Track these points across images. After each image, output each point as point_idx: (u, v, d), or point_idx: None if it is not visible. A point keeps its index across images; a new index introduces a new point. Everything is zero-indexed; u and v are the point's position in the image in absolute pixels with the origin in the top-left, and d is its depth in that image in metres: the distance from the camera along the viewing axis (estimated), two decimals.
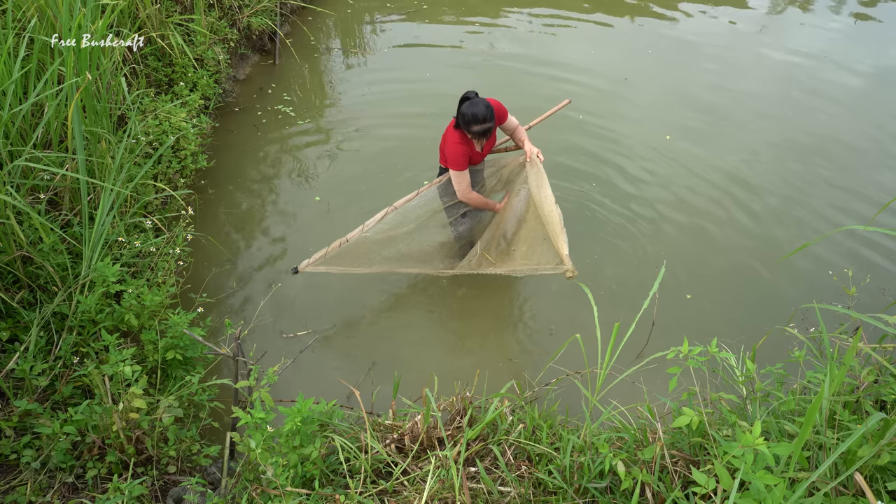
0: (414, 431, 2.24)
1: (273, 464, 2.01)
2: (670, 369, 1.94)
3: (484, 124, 3.14)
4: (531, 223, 3.56)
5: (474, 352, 3.62)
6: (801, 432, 1.46)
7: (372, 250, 3.43)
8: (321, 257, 3.33)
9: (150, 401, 2.56)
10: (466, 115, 3.13)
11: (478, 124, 3.14)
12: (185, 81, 4.69)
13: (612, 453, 1.90)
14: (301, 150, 5.01)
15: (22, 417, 2.39)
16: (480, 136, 3.20)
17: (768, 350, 2.65)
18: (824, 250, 4.28)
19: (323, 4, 6.95)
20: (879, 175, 5.05)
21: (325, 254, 3.32)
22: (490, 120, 3.15)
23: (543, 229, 3.37)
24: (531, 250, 3.54)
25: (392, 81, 5.88)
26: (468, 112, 3.13)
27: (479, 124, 3.14)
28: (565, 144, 5.06)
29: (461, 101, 3.21)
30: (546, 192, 3.32)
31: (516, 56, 6.34)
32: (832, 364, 1.71)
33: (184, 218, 3.77)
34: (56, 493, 2.24)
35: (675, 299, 3.85)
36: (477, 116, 3.12)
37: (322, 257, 3.33)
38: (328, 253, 3.32)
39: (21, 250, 2.82)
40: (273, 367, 2.32)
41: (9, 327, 2.69)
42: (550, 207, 3.28)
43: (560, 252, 3.18)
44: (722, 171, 4.95)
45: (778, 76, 6.29)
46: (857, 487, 1.64)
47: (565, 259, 3.16)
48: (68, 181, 3.20)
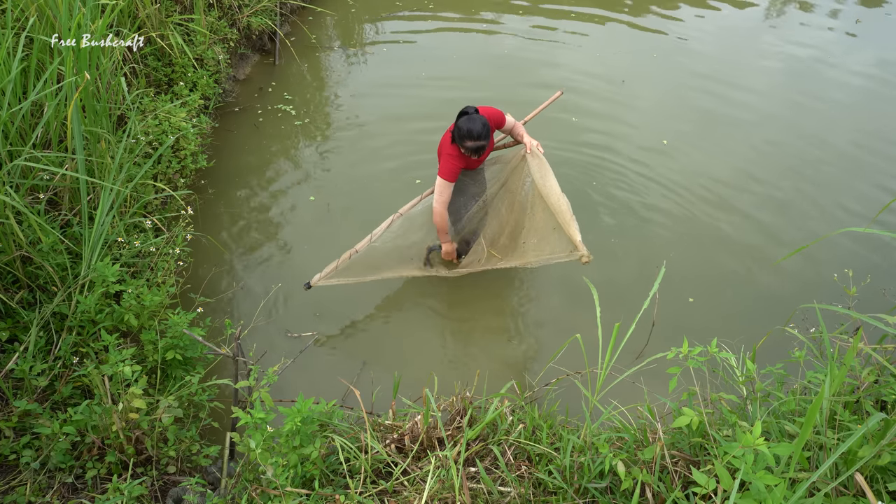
0: (414, 431, 2.23)
1: (273, 464, 2.01)
2: (670, 369, 1.94)
3: (478, 142, 3.19)
4: (539, 214, 3.54)
5: (474, 352, 3.62)
6: (801, 432, 1.46)
7: (380, 259, 3.44)
8: (332, 270, 3.36)
9: (150, 401, 2.56)
10: (462, 130, 3.18)
11: (472, 140, 3.18)
12: (185, 81, 4.68)
13: (612, 453, 1.90)
14: (301, 150, 5.00)
15: (21, 418, 2.38)
16: (473, 152, 3.25)
17: (768, 350, 2.64)
18: (824, 251, 4.27)
19: (323, 4, 6.95)
20: (880, 175, 5.05)
21: (336, 266, 3.35)
22: (485, 139, 3.20)
23: (552, 219, 3.35)
24: (542, 241, 3.50)
25: (392, 81, 5.88)
26: (464, 127, 3.18)
27: (473, 141, 3.18)
28: (565, 145, 5.06)
29: (459, 115, 3.23)
30: (551, 182, 3.31)
31: (517, 57, 6.34)
32: (832, 364, 1.71)
33: (183, 218, 3.77)
34: (55, 494, 2.24)
35: (675, 300, 3.84)
36: (472, 133, 3.16)
37: (333, 270, 3.36)
38: (339, 265, 3.35)
39: (20, 250, 2.82)
40: (273, 367, 2.32)
41: (8, 327, 2.69)
42: (557, 197, 3.26)
43: (573, 239, 3.15)
44: (722, 171, 4.95)
45: (777, 77, 6.29)
46: (858, 488, 1.64)
47: (579, 245, 3.12)
48: (68, 181, 3.20)
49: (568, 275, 3.96)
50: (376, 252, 3.41)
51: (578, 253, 3.12)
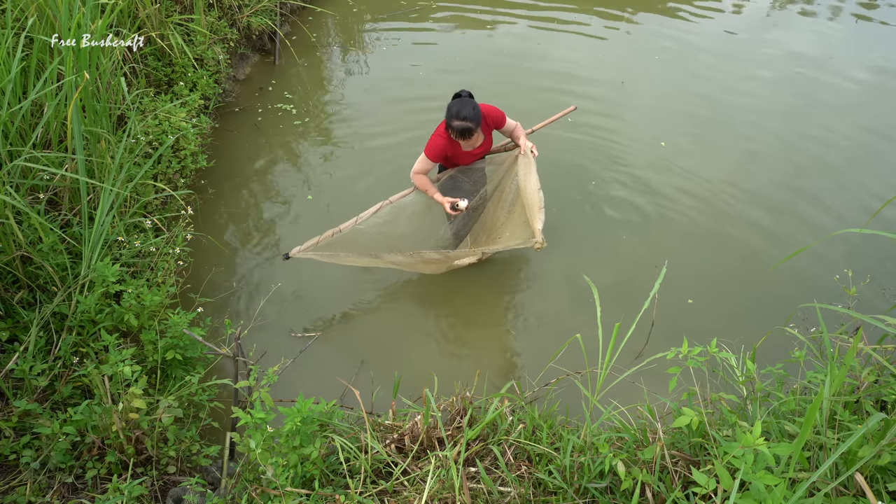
0: (414, 431, 2.23)
1: (273, 464, 2.01)
2: (670, 369, 1.94)
3: (463, 122, 3.13)
4: (517, 210, 3.64)
5: (474, 352, 3.62)
6: (801, 432, 1.46)
7: (364, 243, 3.47)
8: (313, 245, 3.39)
9: (150, 401, 2.56)
10: (451, 111, 3.17)
11: (458, 120, 3.13)
12: (185, 81, 4.68)
13: (612, 453, 1.90)
14: (301, 150, 5.00)
15: (21, 417, 2.38)
16: (458, 133, 3.19)
17: (768, 350, 2.64)
18: (824, 251, 4.27)
19: (323, 4, 6.95)
20: (880, 175, 5.04)
21: (318, 242, 3.39)
22: (472, 121, 3.13)
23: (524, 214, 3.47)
24: (512, 234, 3.64)
25: (392, 81, 5.88)
26: (453, 108, 3.17)
27: (458, 121, 3.13)
28: (564, 145, 5.06)
29: (454, 96, 3.23)
30: (532, 178, 3.41)
31: (517, 57, 6.33)
32: (832, 364, 1.71)
33: (183, 218, 3.77)
34: (55, 494, 2.24)
35: (675, 300, 3.84)
36: (459, 113, 3.13)
37: (314, 245, 3.39)
38: (320, 241, 3.39)
39: (20, 250, 2.82)
40: (273, 367, 2.32)
41: (8, 327, 2.69)
42: (533, 192, 3.38)
43: (533, 226, 3.33)
44: (721, 172, 4.95)
45: (777, 78, 6.29)
46: (858, 488, 1.64)
47: (536, 232, 3.30)
48: (68, 181, 3.20)
49: (569, 275, 3.97)
50: (362, 237, 3.44)
51: (534, 239, 3.29)
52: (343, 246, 3.43)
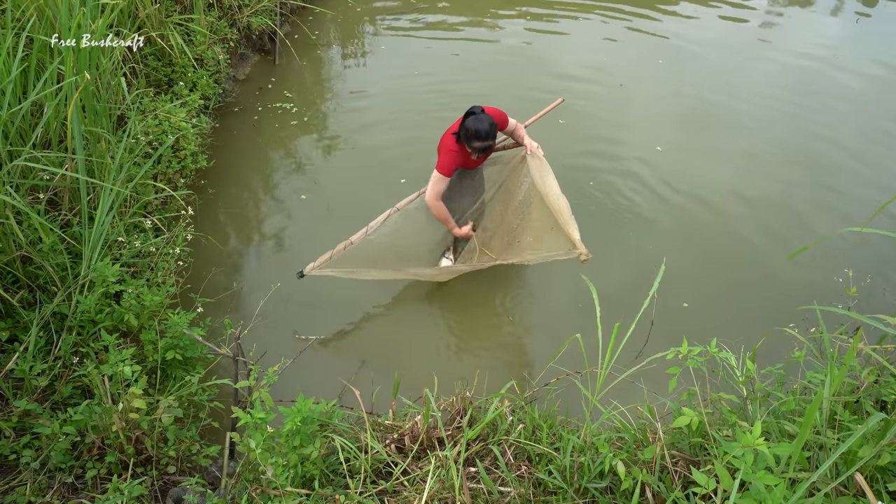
0: (414, 431, 2.24)
1: (273, 464, 2.01)
2: (670, 369, 1.94)
3: (485, 141, 3.19)
4: (534, 213, 3.57)
5: (474, 352, 3.62)
6: (801, 432, 1.46)
7: (377, 254, 3.43)
8: (326, 260, 3.35)
9: (150, 401, 2.56)
10: (470, 131, 3.18)
11: (479, 141, 3.19)
12: (185, 81, 4.68)
13: (612, 453, 1.90)
14: (301, 149, 5.00)
15: (21, 417, 2.38)
16: (480, 152, 3.27)
17: (768, 350, 2.65)
18: (824, 251, 4.27)
19: (323, 4, 6.95)
20: (880, 175, 5.04)
21: (331, 257, 3.34)
22: (492, 138, 3.21)
23: (549, 218, 3.37)
24: (538, 241, 3.55)
25: (392, 80, 5.88)
26: (472, 128, 3.17)
27: (480, 141, 3.19)
28: (562, 147, 5.06)
29: (466, 115, 3.23)
30: (550, 183, 3.33)
31: (517, 58, 6.33)
32: (832, 364, 1.71)
33: (184, 218, 3.77)
34: (55, 494, 2.24)
35: (675, 300, 3.84)
36: (480, 133, 3.17)
37: (327, 260, 3.35)
38: (333, 256, 3.34)
39: (20, 250, 2.82)
40: (273, 367, 2.32)
41: (8, 327, 2.69)
42: (556, 197, 3.28)
43: (572, 237, 3.19)
44: (721, 172, 4.95)
45: (777, 78, 6.29)
46: (858, 488, 1.64)
47: (578, 244, 3.15)
48: (68, 181, 3.20)
49: (568, 275, 3.96)
50: (373, 247, 3.40)
51: (577, 251, 3.15)
52: (357, 259, 3.39)
